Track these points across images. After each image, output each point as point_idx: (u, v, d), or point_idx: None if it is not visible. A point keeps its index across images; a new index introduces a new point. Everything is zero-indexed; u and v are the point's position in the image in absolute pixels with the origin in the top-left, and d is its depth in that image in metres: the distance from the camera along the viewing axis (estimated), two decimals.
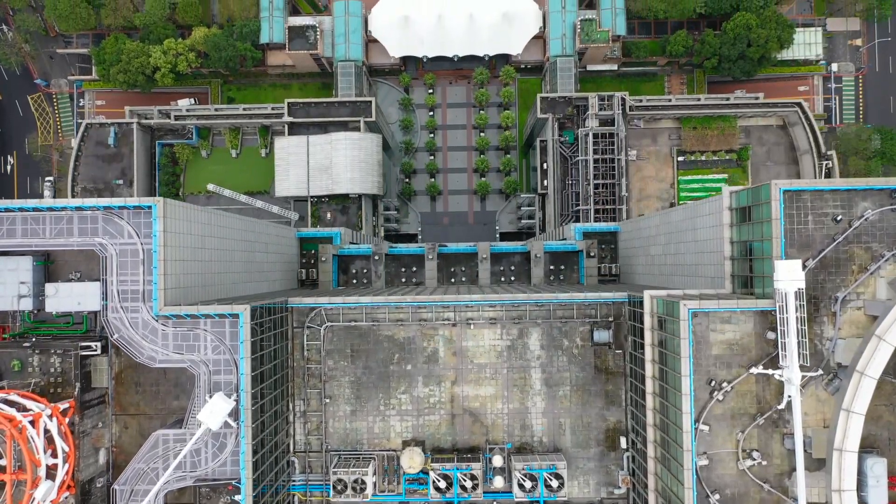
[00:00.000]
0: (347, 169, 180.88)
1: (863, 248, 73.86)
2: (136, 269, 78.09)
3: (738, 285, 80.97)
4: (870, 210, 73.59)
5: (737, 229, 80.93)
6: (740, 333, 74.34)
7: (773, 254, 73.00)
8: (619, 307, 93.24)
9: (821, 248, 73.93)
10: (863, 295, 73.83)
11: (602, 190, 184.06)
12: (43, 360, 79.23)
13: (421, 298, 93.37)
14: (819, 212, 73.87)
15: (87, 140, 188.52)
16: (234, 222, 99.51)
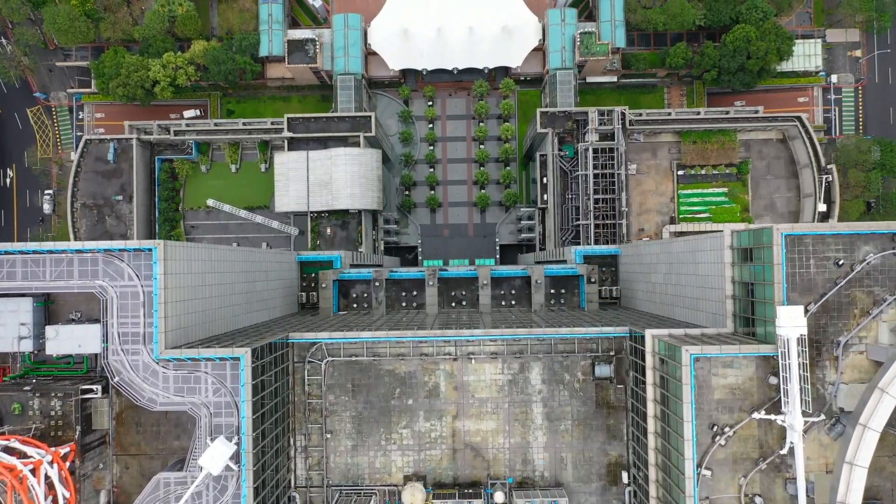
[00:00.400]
0: (347, 184, 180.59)
1: (864, 292, 73.76)
2: (137, 311, 77.87)
3: (740, 324, 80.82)
4: (871, 254, 73.48)
5: (738, 268, 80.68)
6: (742, 378, 74.22)
7: (774, 298, 72.88)
8: (621, 341, 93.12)
9: (823, 291, 73.80)
10: (865, 339, 73.73)
11: (602, 205, 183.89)
12: (43, 404, 79.08)
13: (422, 333, 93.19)
14: (821, 255, 73.76)
15: (87, 156, 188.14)
16: (234, 255, 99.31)
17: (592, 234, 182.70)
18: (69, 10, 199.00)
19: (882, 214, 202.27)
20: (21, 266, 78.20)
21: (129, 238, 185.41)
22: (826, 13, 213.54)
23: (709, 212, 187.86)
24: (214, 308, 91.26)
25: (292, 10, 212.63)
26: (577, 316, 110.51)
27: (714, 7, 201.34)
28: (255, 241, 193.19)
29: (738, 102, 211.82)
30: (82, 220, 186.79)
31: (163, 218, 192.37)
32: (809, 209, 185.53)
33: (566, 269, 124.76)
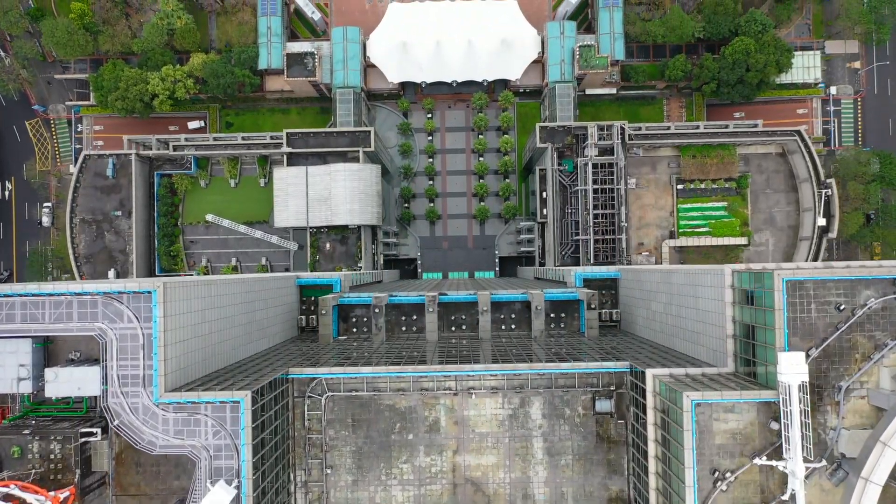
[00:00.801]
0: (346, 200, 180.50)
1: (866, 337, 73.62)
2: (137, 353, 77.66)
3: (741, 364, 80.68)
4: (873, 298, 73.35)
5: (739, 309, 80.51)
6: (743, 423, 74.10)
7: (776, 344, 72.73)
8: (621, 376, 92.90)
9: (824, 336, 73.64)
10: (866, 384, 73.60)
11: (601, 220, 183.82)
12: (43, 447, 78.93)
13: (422, 369, 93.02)
14: (822, 300, 73.61)
15: (86, 171, 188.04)
16: (234, 286, 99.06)
17: (592, 250, 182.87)
18: (67, 24, 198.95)
19: (881, 227, 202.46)
20: (20, 308, 77.95)
21: (128, 254, 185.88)
22: (825, 24, 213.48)
23: (708, 226, 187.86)
24: (214, 343, 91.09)
25: (291, 22, 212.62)
26: (577, 345, 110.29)
27: (713, 20, 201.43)
28: (255, 255, 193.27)
29: (738, 114, 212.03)
30: (81, 236, 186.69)
31: (162, 233, 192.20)
32: (809, 223, 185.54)
33: (566, 294, 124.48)
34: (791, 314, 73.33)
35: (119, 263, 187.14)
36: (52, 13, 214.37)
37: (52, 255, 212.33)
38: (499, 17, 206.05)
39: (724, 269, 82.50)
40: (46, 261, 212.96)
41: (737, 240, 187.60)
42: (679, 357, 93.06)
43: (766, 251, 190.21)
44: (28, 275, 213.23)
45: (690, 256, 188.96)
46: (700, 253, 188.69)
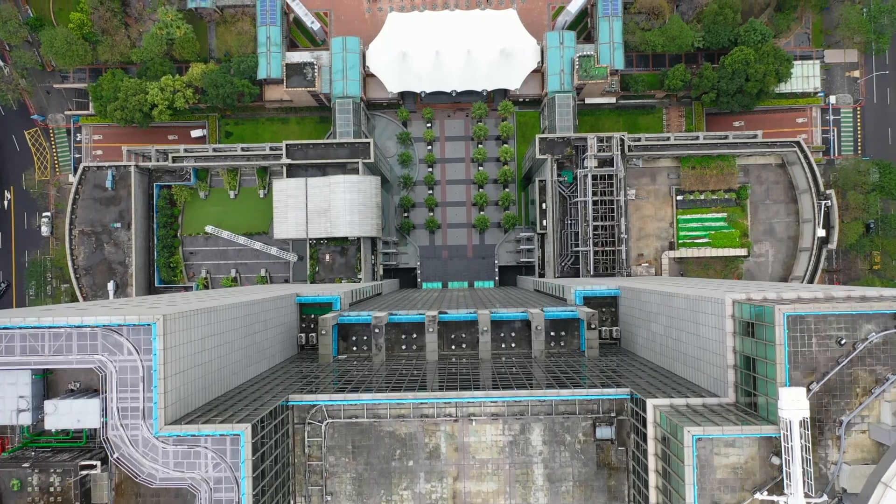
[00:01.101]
0: (346, 212, 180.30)
1: (867, 371, 73.53)
2: (136, 385, 77.47)
3: (742, 395, 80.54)
4: (874, 333, 73.25)
5: (740, 339, 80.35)
6: (744, 457, 74.01)
7: (777, 379, 72.61)
8: (622, 402, 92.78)
9: (825, 370, 73.55)
10: (867, 418, 73.53)
11: (601, 231, 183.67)
12: (42, 480, 78.73)
13: (422, 395, 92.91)
14: (823, 334, 73.52)
15: (85, 183, 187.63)
16: (234, 311, 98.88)
17: (592, 261, 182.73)
18: (67, 34, 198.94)
19: (881, 236, 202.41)
20: (20, 341, 77.76)
21: (127, 266, 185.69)
22: (824, 34, 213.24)
23: (708, 237, 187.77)
24: (214, 370, 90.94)
25: (290, 32, 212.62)
26: (578, 366, 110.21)
27: (713, 29, 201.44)
28: (254, 266, 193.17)
29: (737, 123, 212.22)
30: (80, 248, 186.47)
31: (161, 245, 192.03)
32: (808, 234, 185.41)
33: (566, 313, 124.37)
34: (792, 348, 73.21)
35: (118, 275, 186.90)
36: (51, 23, 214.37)
37: (52, 265, 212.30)
38: (498, 27, 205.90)
39: (725, 299, 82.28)
40: (45, 270, 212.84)
41: (736, 251, 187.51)
42: (680, 383, 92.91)
43: (766, 262, 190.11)
44: (27, 285, 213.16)
45: (690, 268, 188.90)
46: (700, 264, 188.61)
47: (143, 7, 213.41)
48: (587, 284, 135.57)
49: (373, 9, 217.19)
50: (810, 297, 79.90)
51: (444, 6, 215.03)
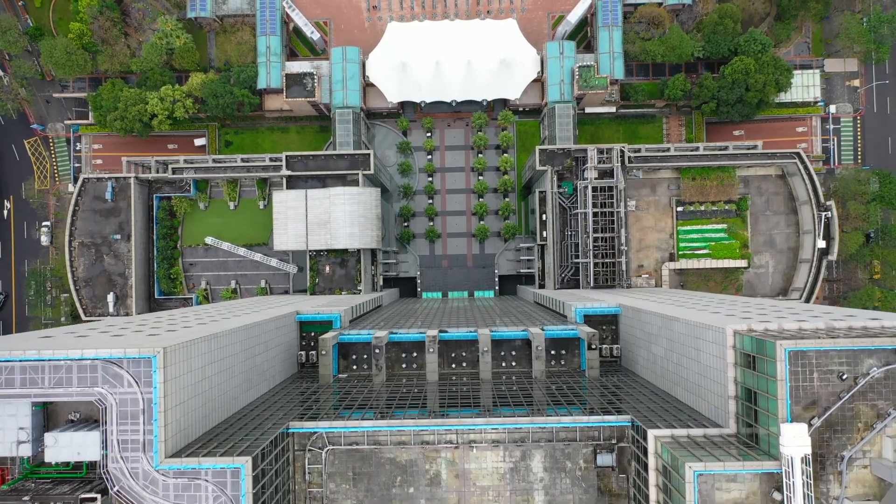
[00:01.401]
0: (346, 224, 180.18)
1: (868, 406, 73.47)
2: (137, 418, 77.38)
3: (743, 426, 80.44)
4: (875, 367, 73.17)
5: (741, 371, 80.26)
6: (746, 492, 73.94)
7: (778, 414, 72.50)
8: (623, 429, 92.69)
9: (826, 405, 73.46)
10: (869, 453, 73.47)
11: (601, 243, 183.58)
12: None
13: (423, 422, 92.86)
14: (824, 369, 73.45)
15: (85, 194, 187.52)
16: (234, 336, 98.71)
17: (592, 273, 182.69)
18: (66, 44, 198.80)
19: (881, 246, 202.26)
20: (20, 373, 77.67)
21: (127, 277, 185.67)
22: (824, 43, 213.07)
23: (708, 248, 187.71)
24: (215, 397, 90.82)
25: (290, 41, 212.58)
26: (578, 388, 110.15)
27: (713, 39, 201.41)
28: (254, 278, 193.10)
29: (737, 132, 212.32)
30: (80, 260, 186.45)
31: (161, 256, 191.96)
32: (809, 245, 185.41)
33: (567, 332, 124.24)
34: (793, 383, 73.14)
35: (118, 287, 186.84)
36: (51, 33, 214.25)
37: (51, 275, 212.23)
38: (498, 37, 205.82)
39: (726, 329, 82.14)
40: (45, 280, 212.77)
41: (737, 262, 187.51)
42: (681, 409, 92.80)
43: (767, 273, 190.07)
44: (27, 295, 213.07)
45: (690, 279, 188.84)
46: (700, 275, 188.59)
47: (143, 17, 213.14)
48: (587, 301, 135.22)
49: (372, 18, 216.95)
50: (811, 329, 79.83)
51: (444, 16, 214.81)
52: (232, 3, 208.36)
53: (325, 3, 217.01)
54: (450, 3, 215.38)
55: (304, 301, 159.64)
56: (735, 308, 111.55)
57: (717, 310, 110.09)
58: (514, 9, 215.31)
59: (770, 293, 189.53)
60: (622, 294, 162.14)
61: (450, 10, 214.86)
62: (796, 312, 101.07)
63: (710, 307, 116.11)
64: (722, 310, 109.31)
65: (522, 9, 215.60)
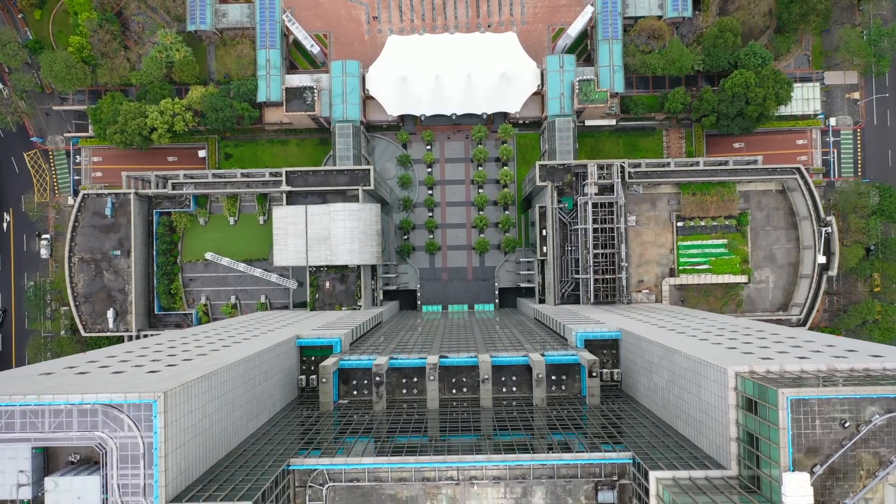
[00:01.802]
0: (346, 240, 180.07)
1: (870, 454, 73.36)
2: (137, 462, 77.25)
3: (744, 468, 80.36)
4: (877, 415, 73.07)
5: (742, 414, 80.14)
6: None
7: (780, 462, 72.40)
8: (624, 466, 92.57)
9: (828, 453, 73.35)
10: (871, 501, 73.37)
11: (601, 259, 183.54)
12: None
13: (424, 459, 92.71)
14: (826, 416, 73.33)
15: (85, 210, 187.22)
16: (235, 370, 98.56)
17: (592, 289, 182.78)
18: (66, 57, 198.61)
19: (881, 259, 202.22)
20: (20, 417, 77.58)
21: (127, 293, 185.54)
22: (824, 55, 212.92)
23: (708, 263, 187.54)
24: (216, 434, 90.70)
25: (290, 53, 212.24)
26: (579, 418, 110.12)
27: (713, 52, 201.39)
28: (254, 293, 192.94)
29: (737, 144, 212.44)
30: (80, 275, 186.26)
31: (161, 272, 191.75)
32: (809, 261, 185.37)
33: (567, 358, 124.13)
34: (795, 430, 73.05)
35: (118, 303, 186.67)
36: (50, 45, 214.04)
37: (51, 288, 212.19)
38: (498, 50, 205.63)
39: (728, 370, 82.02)
40: (45, 293, 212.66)
41: (737, 277, 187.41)
42: (682, 445, 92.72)
43: (767, 288, 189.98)
44: (27, 308, 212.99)
45: (691, 294, 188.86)
46: (700, 291, 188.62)
47: (143, 30, 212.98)
48: (588, 324, 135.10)
49: (372, 31, 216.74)
50: (813, 372, 79.81)
51: (444, 28, 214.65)
52: (232, 16, 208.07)
53: (325, 16, 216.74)
54: (450, 16, 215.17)
55: (305, 320, 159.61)
56: (736, 337, 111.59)
57: (718, 339, 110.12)
58: (514, 21, 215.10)
59: (770, 308, 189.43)
60: (622, 312, 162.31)
61: (450, 23, 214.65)
62: (798, 345, 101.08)
63: (711, 335, 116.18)
64: (723, 340, 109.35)
65: (522, 21, 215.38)
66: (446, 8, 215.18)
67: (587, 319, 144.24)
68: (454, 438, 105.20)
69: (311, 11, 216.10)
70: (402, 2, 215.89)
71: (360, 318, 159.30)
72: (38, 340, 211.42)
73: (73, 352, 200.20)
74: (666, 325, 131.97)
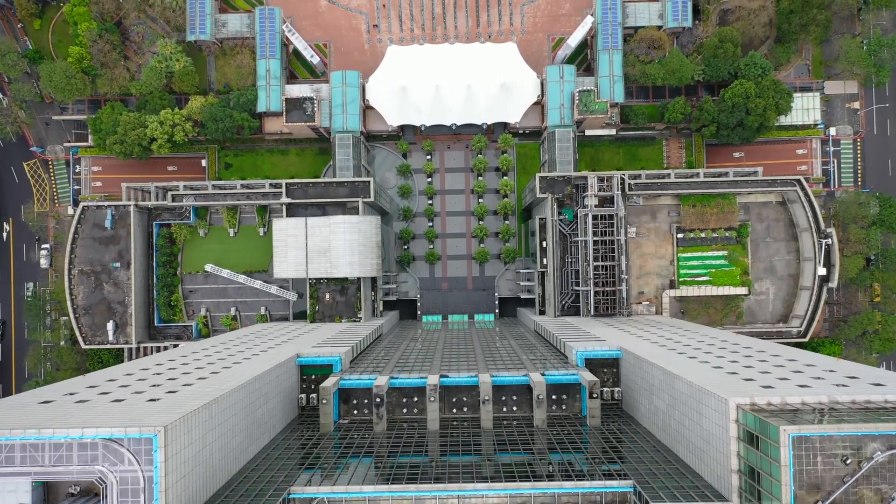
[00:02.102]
0: (346, 252, 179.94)
1: (872, 490, 73.30)
2: (137, 496, 77.21)
3: (745, 502, 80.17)
4: (879, 452, 72.99)
5: (744, 447, 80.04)
6: None
7: (782, 498, 72.34)
8: (625, 494, 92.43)
9: (830, 489, 73.28)
10: None
11: (602, 271, 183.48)
12: None
13: (424, 487, 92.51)
14: (828, 453, 73.24)
15: (84, 222, 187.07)
16: (235, 396, 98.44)
17: (592, 301, 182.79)
18: (66, 68, 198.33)
19: (881, 270, 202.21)
20: (20, 451, 77.51)
21: (126, 305, 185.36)
22: (824, 65, 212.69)
23: (709, 275, 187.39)
24: (216, 462, 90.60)
25: (290, 63, 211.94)
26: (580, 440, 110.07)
27: (713, 63, 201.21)
28: (254, 305, 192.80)
29: (737, 154, 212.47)
30: (80, 288, 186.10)
31: (161, 284, 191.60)
32: (809, 273, 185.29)
33: (568, 378, 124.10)
34: (797, 467, 72.98)
35: (118, 315, 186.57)
36: (50, 55, 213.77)
37: (50, 298, 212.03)
38: (498, 61, 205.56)
39: (729, 402, 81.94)
40: (45, 303, 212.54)
41: (737, 289, 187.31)
42: (683, 473, 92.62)
43: (767, 300, 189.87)
44: (27, 319, 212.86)
45: (691, 306, 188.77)
46: (700, 303, 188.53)
47: (142, 40, 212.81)
48: (588, 342, 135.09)
49: (372, 40, 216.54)
50: (815, 404, 79.75)
51: (444, 38, 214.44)
52: (231, 26, 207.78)
53: (325, 25, 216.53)
54: (450, 25, 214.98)
55: (305, 334, 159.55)
56: (737, 359, 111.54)
57: (719, 361, 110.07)
58: (514, 31, 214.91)
59: (771, 320, 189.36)
60: (623, 326, 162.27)
61: (450, 33, 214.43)
62: (799, 370, 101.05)
63: (712, 355, 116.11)
64: (724, 362, 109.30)
65: (522, 31, 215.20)
66: (446, 17, 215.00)
67: (587, 336, 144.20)
68: (454, 459, 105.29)
69: (310, 21, 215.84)
70: (402, 11, 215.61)
71: (360, 333, 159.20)
72: (38, 350, 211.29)
73: (73, 362, 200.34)
74: (666, 343, 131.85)
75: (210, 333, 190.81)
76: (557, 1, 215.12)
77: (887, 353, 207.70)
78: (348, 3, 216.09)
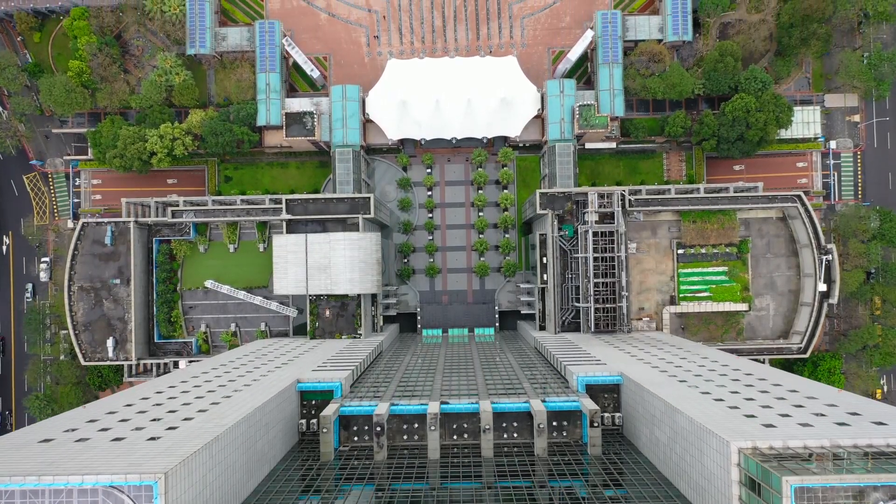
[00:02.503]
0: (346, 269, 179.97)
1: None
2: None
3: None
4: (881, 502, 72.89)
5: (745, 492, 79.99)
6: None
7: None
8: None
9: None
10: None
11: (602, 288, 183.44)
12: None
13: None
14: (831, 503, 73.08)
15: (84, 238, 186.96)
16: (235, 432, 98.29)
17: (593, 318, 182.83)
18: (65, 81, 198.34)
19: (882, 284, 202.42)
20: (20, 498, 77.40)
21: (126, 322, 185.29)
22: (825, 78, 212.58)
23: (709, 291, 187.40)
24: (216, 500, 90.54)
25: (290, 76, 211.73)
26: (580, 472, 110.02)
27: (713, 76, 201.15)
28: (254, 321, 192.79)
29: (738, 167, 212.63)
30: (79, 304, 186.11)
31: (161, 300, 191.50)
32: (809, 289, 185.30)
33: (569, 405, 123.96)
34: None
35: (118, 331, 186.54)
36: (50, 68, 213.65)
37: (50, 312, 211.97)
38: (498, 75, 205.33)
39: (731, 445, 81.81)
40: (44, 317, 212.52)
41: (737, 305, 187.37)
42: None
43: (767, 316, 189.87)
44: (26, 332, 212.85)
45: (691, 322, 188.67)
46: (701, 319, 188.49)
47: (142, 53, 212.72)
48: (589, 366, 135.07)
49: (372, 53, 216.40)
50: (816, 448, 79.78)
51: (444, 51, 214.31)
52: (231, 40, 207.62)
53: (325, 38, 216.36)
54: (450, 39, 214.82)
55: (305, 354, 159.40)
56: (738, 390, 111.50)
57: (720, 392, 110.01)
58: (514, 44, 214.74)
59: (771, 336, 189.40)
60: (623, 345, 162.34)
61: (450, 46, 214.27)
62: (800, 403, 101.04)
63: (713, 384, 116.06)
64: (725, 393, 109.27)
65: (523, 44, 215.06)
66: (446, 30, 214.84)
67: (588, 358, 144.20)
68: (455, 486, 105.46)
69: (310, 34, 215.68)
70: (403, 24, 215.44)
71: (360, 353, 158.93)
72: (38, 365, 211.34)
73: (73, 376, 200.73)
74: (667, 368, 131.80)
75: (210, 349, 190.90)
76: (557, 14, 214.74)
77: (887, 367, 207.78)
78: (348, 16, 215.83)
